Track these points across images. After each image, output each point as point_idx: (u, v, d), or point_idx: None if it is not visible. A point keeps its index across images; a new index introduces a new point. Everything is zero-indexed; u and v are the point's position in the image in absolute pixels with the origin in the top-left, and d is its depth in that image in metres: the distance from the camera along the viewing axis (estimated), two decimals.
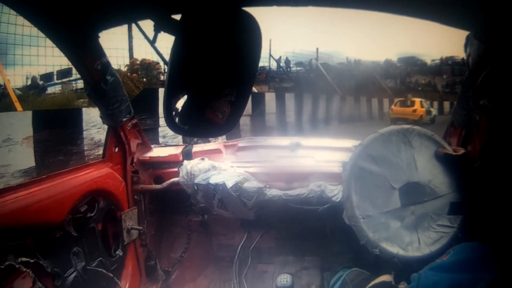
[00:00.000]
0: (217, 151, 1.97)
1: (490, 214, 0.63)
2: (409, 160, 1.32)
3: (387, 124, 5.01)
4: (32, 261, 1.22)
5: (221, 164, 1.85)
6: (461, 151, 1.29)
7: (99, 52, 1.46)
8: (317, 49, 19.44)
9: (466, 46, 0.82)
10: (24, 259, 1.18)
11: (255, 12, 0.93)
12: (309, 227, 1.82)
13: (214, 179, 1.69)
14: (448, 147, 1.33)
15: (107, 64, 1.51)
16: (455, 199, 1.24)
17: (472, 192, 1.05)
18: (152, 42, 1.08)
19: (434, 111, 19.20)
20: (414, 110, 17.43)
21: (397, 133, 1.35)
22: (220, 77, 0.99)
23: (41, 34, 1.29)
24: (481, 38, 0.74)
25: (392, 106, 18.27)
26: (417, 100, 18.48)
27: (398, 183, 1.31)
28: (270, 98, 11.63)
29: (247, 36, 0.94)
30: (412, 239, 1.27)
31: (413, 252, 1.24)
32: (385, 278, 1.19)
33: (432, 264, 0.65)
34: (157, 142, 5.72)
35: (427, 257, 1.18)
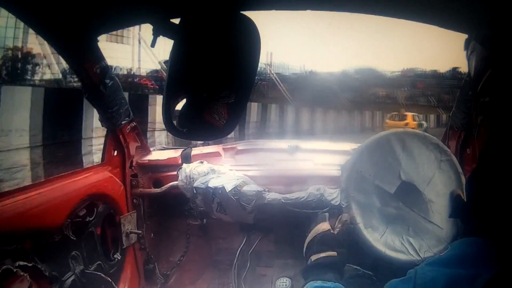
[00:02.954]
0: (216, 154, 1.97)
1: (491, 216, 0.63)
2: (429, 173, 1.32)
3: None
4: (30, 265, 1.21)
5: (220, 168, 1.85)
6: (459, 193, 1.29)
7: (98, 56, 1.47)
8: (271, 53, 19.49)
9: (466, 49, 0.82)
10: (22, 263, 1.18)
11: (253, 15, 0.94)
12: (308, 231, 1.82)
13: (213, 182, 1.68)
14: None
15: (106, 68, 1.51)
16: (450, 208, 1.24)
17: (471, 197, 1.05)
18: (151, 46, 1.08)
19: (425, 124, 20.71)
20: (406, 124, 18.75)
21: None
22: (219, 80, 0.99)
23: None
24: (482, 41, 0.75)
25: (387, 120, 19.83)
26: (409, 114, 20.14)
27: (406, 177, 1.31)
28: None
29: (246, 40, 0.94)
30: (379, 227, 1.28)
31: (370, 236, 1.27)
32: (325, 226, 1.22)
33: (429, 259, 0.65)
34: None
35: (414, 262, 1.18)
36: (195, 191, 1.72)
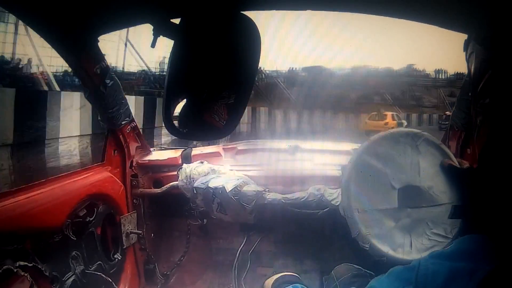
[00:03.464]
0: (216, 154, 1.97)
1: (490, 216, 0.64)
2: (413, 164, 1.32)
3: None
4: (30, 265, 1.21)
5: (221, 168, 1.85)
6: (466, 165, 1.29)
7: (98, 56, 1.47)
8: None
9: (465, 50, 0.81)
10: (22, 263, 1.18)
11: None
12: (309, 231, 1.82)
13: (213, 182, 1.68)
14: (454, 159, 1.33)
15: (106, 68, 1.51)
16: (454, 210, 1.24)
17: (471, 197, 1.05)
18: (151, 46, 1.08)
19: (405, 123, 21.23)
20: (386, 123, 19.10)
21: (406, 136, 1.34)
22: (219, 80, 0.99)
23: None
24: (482, 41, 0.74)
25: (367, 120, 20.14)
26: (389, 113, 20.64)
27: (399, 183, 1.30)
28: None
29: (246, 40, 0.94)
30: (404, 242, 1.27)
31: (402, 254, 1.24)
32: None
33: (433, 253, 0.66)
34: None
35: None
36: (195, 191, 1.72)
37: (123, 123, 1.71)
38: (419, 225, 1.28)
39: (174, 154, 1.96)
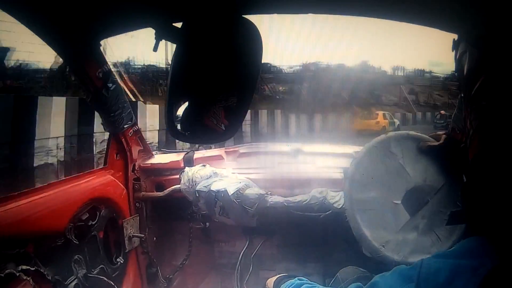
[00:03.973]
0: (218, 158, 1.97)
1: (488, 221, 0.63)
2: (399, 170, 1.32)
3: None
4: (32, 269, 1.21)
5: (223, 171, 1.85)
6: (442, 137, 1.29)
7: (101, 60, 1.47)
8: None
9: (456, 48, 0.79)
10: (24, 267, 1.18)
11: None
12: (311, 234, 1.81)
13: (216, 186, 1.68)
14: (429, 138, 1.33)
15: (109, 72, 1.52)
16: (452, 186, 1.26)
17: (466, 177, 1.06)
18: (154, 50, 1.08)
19: (397, 122, 21.23)
20: (377, 122, 19.38)
21: (376, 149, 1.35)
22: (221, 84, 0.99)
23: None
24: (475, 41, 0.73)
25: (358, 119, 19.86)
26: (380, 112, 20.70)
27: (398, 197, 1.31)
28: None
29: (248, 44, 0.94)
30: (432, 240, 1.27)
31: (439, 250, 1.24)
32: None
33: (437, 253, 0.67)
34: None
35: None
36: (197, 195, 1.72)
37: (125, 126, 1.71)
38: (435, 218, 1.28)
39: (176, 157, 1.96)
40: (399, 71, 35.97)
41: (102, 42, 1.42)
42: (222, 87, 1.00)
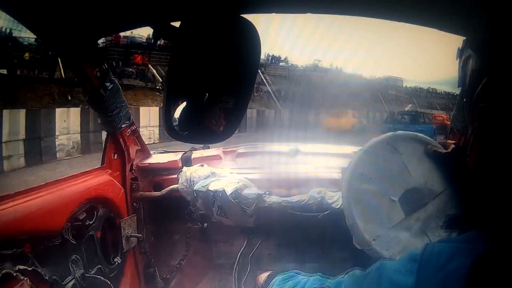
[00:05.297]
0: (216, 157, 1.97)
1: (488, 225, 0.65)
2: (401, 168, 1.32)
3: None
4: (30, 269, 1.20)
5: (221, 171, 1.84)
6: (451, 146, 1.29)
7: (98, 59, 1.47)
8: None
9: (460, 56, 0.80)
10: (21, 267, 1.17)
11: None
12: (309, 234, 1.81)
13: (214, 185, 1.68)
14: (437, 143, 1.33)
15: (106, 71, 1.52)
16: (452, 194, 1.26)
17: (466, 187, 1.07)
18: (153, 49, 1.08)
19: (365, 122, 21.43)
20: (346, 121, 19.41)
21: (382, 145, 1.35)
22: (219, 84, 0.99)
23: None
24: (478, 47, 0.73)
25: (326, 118, 19.86)
26: (350, 111, 20.81)
27: (396, 194, 1.30)
28: None
29: (246, 44, 0.94)
30: (424, 243, 1.27)
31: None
32: None
33: (439, 240, 0.72)
34: None
35: None
36: (195, 194, 1.71)
37: (123, 126, 1.71)
38: (430, 222, 1.28)
39: (174, 157, 1.96)
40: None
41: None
42: (221, 87, 0.99)
